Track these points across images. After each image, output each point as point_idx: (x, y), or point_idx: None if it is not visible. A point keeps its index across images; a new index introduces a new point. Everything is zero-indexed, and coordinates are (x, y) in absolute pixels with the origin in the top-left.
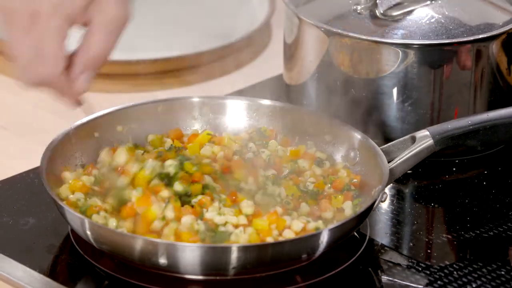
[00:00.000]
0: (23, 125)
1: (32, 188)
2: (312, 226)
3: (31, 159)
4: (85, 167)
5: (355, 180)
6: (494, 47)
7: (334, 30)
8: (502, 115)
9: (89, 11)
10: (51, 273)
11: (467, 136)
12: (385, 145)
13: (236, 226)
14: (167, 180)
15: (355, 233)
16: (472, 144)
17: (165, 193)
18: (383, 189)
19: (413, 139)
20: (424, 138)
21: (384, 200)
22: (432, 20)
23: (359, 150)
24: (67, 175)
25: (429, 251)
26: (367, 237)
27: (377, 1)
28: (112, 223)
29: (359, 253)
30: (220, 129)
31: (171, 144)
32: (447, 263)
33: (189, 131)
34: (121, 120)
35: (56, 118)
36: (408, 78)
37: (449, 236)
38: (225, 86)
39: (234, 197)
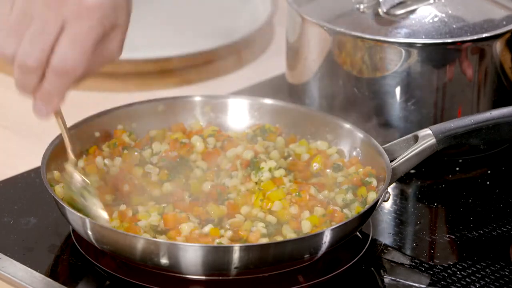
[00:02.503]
0: (24, 125)
1: (33, 188)
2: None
3: (32, 159)
4: (85, 164)
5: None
6: (498, 46)
7: (337, 29)
8: (505, 113)
9: None
10: (52, 273)
11: (470, 135)
12: (388, 144)
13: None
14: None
15: (358, 233)
16: (475, 143)
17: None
18: (386, 188)
19: (416, 138)
20: (427, 137)
21: (387, 200)
22: (436, 19)
23: (362, 149)
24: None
25: (432, 251)
26: (370, 237)
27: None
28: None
29: (362, 253)
30: (222, 128)
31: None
32: (450, 263)
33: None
34: (122, 119)
35: None
36: (411, 77)
37: (452, 236)
38: (227, 85)
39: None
